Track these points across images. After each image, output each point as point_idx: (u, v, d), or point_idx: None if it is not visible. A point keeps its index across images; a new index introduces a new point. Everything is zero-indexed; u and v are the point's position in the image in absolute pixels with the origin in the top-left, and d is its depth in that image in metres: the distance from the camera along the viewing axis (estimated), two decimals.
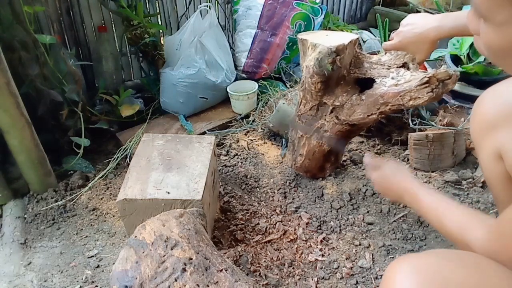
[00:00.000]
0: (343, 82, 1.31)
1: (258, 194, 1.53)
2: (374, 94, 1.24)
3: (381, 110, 1.24)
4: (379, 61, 1.31)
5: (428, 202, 0.90)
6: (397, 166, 1.10)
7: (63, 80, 1.55)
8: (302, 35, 1.32)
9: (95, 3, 1.84)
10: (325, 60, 1.20)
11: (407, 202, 0.99)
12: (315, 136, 1.41)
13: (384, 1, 3.18)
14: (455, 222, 0.79)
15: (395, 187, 1.03)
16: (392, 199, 1.07)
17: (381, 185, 1.11)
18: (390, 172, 1.07)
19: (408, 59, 1.25)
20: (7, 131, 1.35)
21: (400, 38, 1.20)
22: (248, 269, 1.19)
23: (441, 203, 0.87)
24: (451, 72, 1.11)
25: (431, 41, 1.14)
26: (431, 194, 0.91)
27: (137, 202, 1.15)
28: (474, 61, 1.92)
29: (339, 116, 1.34)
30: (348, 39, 1.25)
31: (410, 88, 1.16)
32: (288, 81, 2.17)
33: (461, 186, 1.49)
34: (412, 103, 1.17)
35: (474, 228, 0.75)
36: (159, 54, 1.98)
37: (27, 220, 1.42)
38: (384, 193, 1.12)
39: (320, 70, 1.23)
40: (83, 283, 1.19)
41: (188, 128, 1.87)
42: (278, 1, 2.13)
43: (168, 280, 0.84)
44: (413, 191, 0.95)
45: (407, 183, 0.99)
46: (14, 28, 1.40)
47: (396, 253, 1.25)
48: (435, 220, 0.86)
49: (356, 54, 1.32)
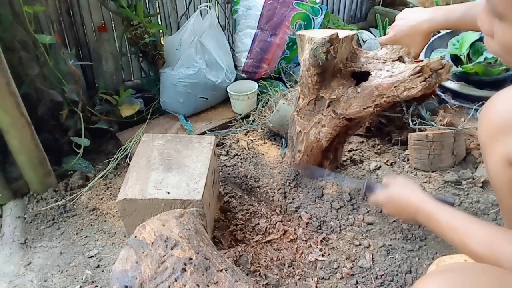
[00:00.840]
0: (339, 76, 1.33)
1: (258, 194, 1.53)
2: (369, 86, 1.26)
3: (376, 102, 1.25)
4: (375, 56, 1.33)
5: (445, 221, 0.83)
6: (404, 182, 1.00)
7: (63, 80, 1.55)
8: (300, 32, 1.34)
9: (95, 3, 1.84)
10: (319, 49, 1.22)
11: (422, 222, 0.91)
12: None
13: (384, 1, 3.19)
14: (480, 240, 0.75)
15: (405, 207, 0.95)
16: (405, 220, 0.99)
17: (390, 207, 1.00)
18: (397, 191, 0.99)
19: (403, 52, 1.27)
20: (7, 131, 1.35)
21: (394, 32, 1.21)
22: (248, 269, 1.19)
23: (459, 221, 0.81)
24: (443, 61, 1.13)
25: (424, 33, 1.15)
26: (447, 212, 0.85)
27: (137, 202, 1.15)
28: (474, 61, 1.92)
29: (336, 110, 1.35)
30: (344, 34, 1.27)
31: (403, 78, 1.18)
32: (288, 81, 2.17)
33: (461, 186, 1.49)
34: (406, 94, 1.18)
35: (503, 245, 0.71)
36: (159, 54, 1.98)
37: (27, 220, 1.42)
38: (394, 214, 1.02)
39: (315, 60, 1.25)
40: (83, 283, 1.19)
41: (188, 128, 1.87)
42: (278, 1, 2.13)
43: (168, 280, 0.84)
44: (427, 211, 0.88)
45: (419, 202, 0.91)
46: (14, 28, 1.40)
47: (396, 253, 1.25)
48: (456, 240, 0.80)
49: (353, 49, 1.34)
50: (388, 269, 1.21)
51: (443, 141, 1.53)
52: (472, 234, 0.77)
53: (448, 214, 0.84)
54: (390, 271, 1.20)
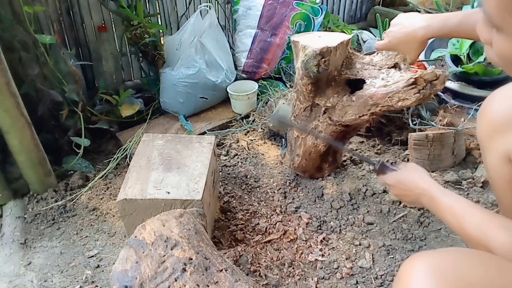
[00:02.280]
0: (334, 83, 1.31)
1: (258, 194, 1.53)
2: (364, 95, 1.24)
3: (372, 111, 1.24)
4: (371, 62, 1.31)
5: (446, 203, 0.85)
6: (414, 167, 1.03)
7: (63, 80, 1.55)
8: (294, 37, 1.31)
9: (95, 3, 1.84)
10: (310, 62, 1.21)
11: (425, 204, 0.94)
12: (312, 135, 1.41)
13: (384, 1, 3.18)
14: (475, 225, 0.76)
15: (411, 189, 0.97)
16: (409, 202, 1.01)
17: (397, 188, 1.04)
18: (406, 174, 1.01)
19: (399, 59, 1.24)
20: (7, 131, 1.35)
21: (390, 38, 1.19)
22: (248, 269, 1.19)
23: (459, 204, 0.83)
24: (438, 72, 1.11)
25: (419, 40, 1.13)
26: (448, 195, 0.87)
27: (137, 202, 1.15)
28: (474, 61, 1.92)
29: (332, 117, 1.34)
30: (338, 40, 1.24)
31: (397, 89, 1.16)
32: (288, 81, 2.17)
33: (461, 186, 1.49)
34: (400, 104, 1.16)
35: (496, 232, 0.72)
36: (159, 54, 1.98)
37: (27, 220, 1.42)
38: (400, 196, 1.04)
39: (306, 72, 1.24)
40: (83, 283, 1.19)
41: (188, 128, 1.87)
42: (278, 1, 2.13)
43: (168, 280, 0.84)
44: (431, 193, 0.90)
45: (424, 184, 0.93)
46: (14, 28, 1.39)
47: (396, 253, 1.25)
48: (454, 221, 0.82)
49: (348, 54, 1.31)
50: (388, 269, 1.21)
51: (443, 141, 1.53)
52: (469, 218, 0.78)
53: (450, 197, 0.86)
54: (390, 271, 1.20)
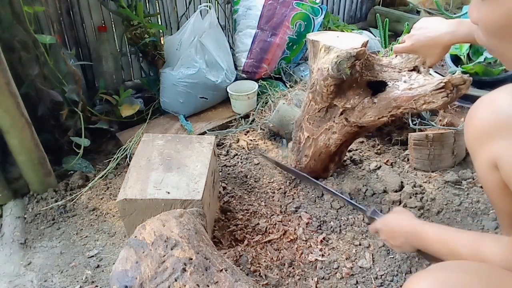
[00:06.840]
0: (355, 85, 1.29)
1: (258, 194, 1.53)
2: (387, 98, 1.23)
3: (392, 113, 1.23)
4: (389, 64, 1.30)
5: (433, 234, 0.88)
6: (400, 210, 1.07)
7: (63, 80, 1.55)
8: (312, 36, 1.30)
9: (95, 3, 1.84)
10: (343, 64, 1.19)
11: (414, 244, 0.95)
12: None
13: (384, 1, 3.18)
14: (467, 245, 0.78)
15: (397, 231, 1.00)
16: (398, 246, 1.02)
17: (384, 232, 1.06)
18: (392, 216, 1.06)
19: (419, 62, 1.23)
20: (7, 131, 1.35)
21: (412, 41, 1.18)
22: (248, 269, 1.19)
23: (446, 232, 0.85)
24: (465, 77, 1.11)
25: (444, 45, 1.12)
26: (433, 226, 0.90)
27: (137, 202, 1.15)
28: (474, 61, 1.92)
29: (348, 118, 1.33)
30: (359, 41, 1.23)
31: (425, 92, 1.15)
32: (288, 81, 2.17)
33: (461, 186, 1.49)
34: (425, 107, 1.15)
35: (488, 245, 0.74)
36: (159, 54, 1.98)
37: (27, 220, 1.42)
38: (389, 239, 1.05)
39: (338, 74, 1.21)
40: (83, 283, 1.19)
41: (188, 128, 1.87)
42: (278, 1, 2.13)
43: (168, 280, 0.84)
44: (416, 230, 0.93)
45: (408, 222, 0.97)
46: (14, 28, 1.39)
47: (396, 253, 1.25)
48: (445, 250, 0.84)
49: (366, 56, 1.30)
50: (388, 269, 1.21)
51: (443, 141, 1.53)
52: (459, 242, 0.81)
53: (435, 227, 0.90)
54: (390, 271, 1.20)
